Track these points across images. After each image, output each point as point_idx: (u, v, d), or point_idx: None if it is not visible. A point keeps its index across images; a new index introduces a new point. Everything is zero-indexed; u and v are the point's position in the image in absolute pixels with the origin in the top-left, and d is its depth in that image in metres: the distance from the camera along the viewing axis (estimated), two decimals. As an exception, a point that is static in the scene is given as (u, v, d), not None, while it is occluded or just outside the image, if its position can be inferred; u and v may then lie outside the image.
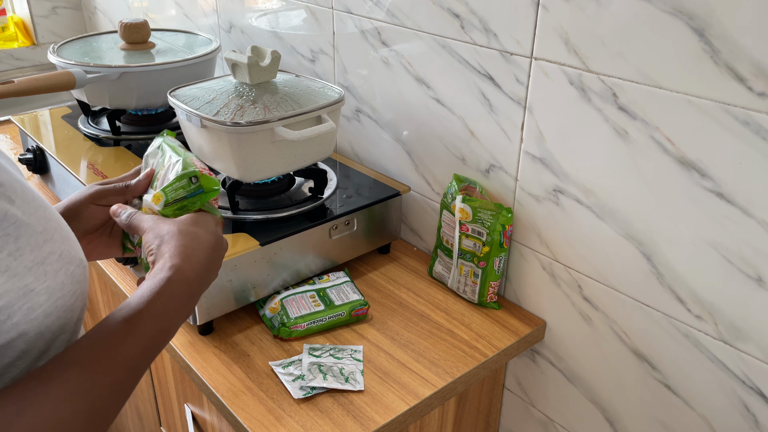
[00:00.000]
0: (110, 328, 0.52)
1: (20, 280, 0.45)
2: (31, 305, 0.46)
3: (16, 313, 0.45)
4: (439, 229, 1.11)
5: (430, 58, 1.08)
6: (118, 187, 0.71)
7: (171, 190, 0.66)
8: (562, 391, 1.07)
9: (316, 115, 1.05)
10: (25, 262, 0.46)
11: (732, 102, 0.74)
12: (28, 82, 1.23)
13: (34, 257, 0.47)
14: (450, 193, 1.07)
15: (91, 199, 0.69)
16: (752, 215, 0.76)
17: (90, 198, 0.69)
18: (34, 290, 0.46)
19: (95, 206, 0.69)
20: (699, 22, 0.74)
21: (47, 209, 0.51)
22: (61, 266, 0.49)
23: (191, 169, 0.67)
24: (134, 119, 1.44)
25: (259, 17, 1.47)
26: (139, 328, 0.53)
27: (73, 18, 2.23)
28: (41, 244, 0.48)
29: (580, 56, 0.87)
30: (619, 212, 0.90)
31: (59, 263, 0.49)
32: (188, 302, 0.58)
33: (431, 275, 1.16)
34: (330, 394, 0.89)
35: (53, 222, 0.51)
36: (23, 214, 0.47)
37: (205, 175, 0.67)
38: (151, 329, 0.54)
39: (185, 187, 0.66)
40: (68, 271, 0.50)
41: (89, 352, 0.50)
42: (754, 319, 0.80)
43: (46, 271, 0.47)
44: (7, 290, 0.44)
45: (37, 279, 0.46)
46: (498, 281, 1.06)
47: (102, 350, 0.50)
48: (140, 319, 0.53)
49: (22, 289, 0.45)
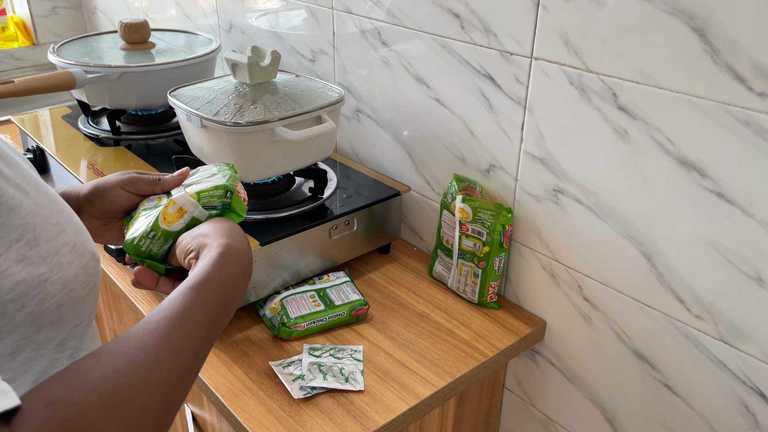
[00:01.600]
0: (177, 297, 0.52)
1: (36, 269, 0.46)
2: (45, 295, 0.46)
3: (30, 302, 0.45)
4: (439, 229, 1.11)
5: (430, 58, 1.08)
6: (150, 178, 0.71)
7: (206, 195, 0.67)
8: (562, 391, 1.07)
9: (316, 115, 1.05)
10: (41, 252, 0.47)
11: (732, 102, 0.74)
12: (28, 82, 1.23)
13: (49, 248, 0.47)
14: (450, 193, 1.07)
15: (122, 184, 0.70)
16: (752, 215, 0.76)
17: (120, 182, 0.70)
18: (48, 280, 0.47)
19: (122, 191, 0.70)
20: (699, 22, 0.74)
21: (59, 203, 0.52)
22: (74, 258, 0.50)
23: (231, 183, 0.68)
24: (134, 119, 1.44)
25: (259, 17, 1.47)
26: (205, 294, 0.54)
27: (73, 18, 2.23)
28: (55, 236, 0.48)
29: (580, 56, 0.87)
30: (619, 212, 0.90)
31: (72, 255, 0.50)
32: (243, 277, 0.59)
33: (431, 275, 1.16)
34: (330, 394, 0.89)
35: (66, 215, 0.52)
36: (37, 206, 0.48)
37: (239, 198, 0.68)
38: (214, 295, 0.54)
39: (219, 198, 0.67)
40: (81, 263, 0.51)
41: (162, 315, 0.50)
42: (754, 319, 0.80)
43: (60, 261, 0.48)
44: (23, 278, 0.45)
45: (51, 269, 0.47)
46: (498, 281, 1.06)
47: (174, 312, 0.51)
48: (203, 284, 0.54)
49: (37, 278, 0.46)
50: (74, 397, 0.40)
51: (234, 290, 0.58)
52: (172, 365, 0.47)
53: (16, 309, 0.45)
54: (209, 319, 0.53)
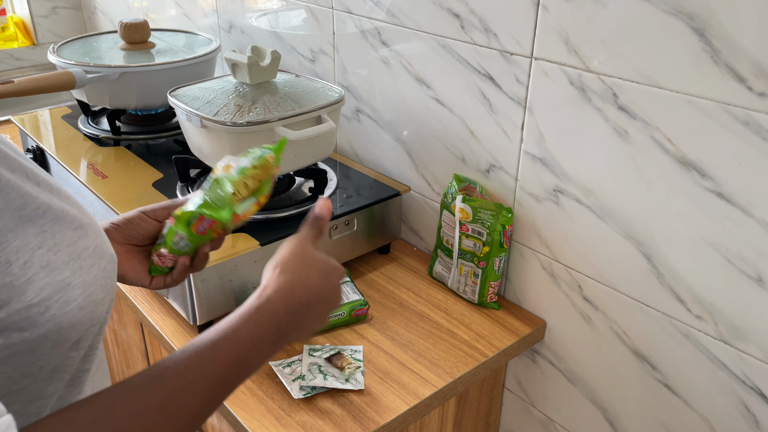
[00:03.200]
0: (196, 348, 0.53)
1: (59, 274, 0.47)
2: (67, 299, 0.47)
3: (53, 306, 0.46)
4: (439, 229, 1.11)
5: (430, 58, 1.08)
6: (166, 204, 0.74)
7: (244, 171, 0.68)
8: (562, 391, 1.07)
9: (316, 115, 1.05)
10: (63, 257, 0.47)
11: (732, 102, 0.74)
12: (28, 82, 1.23)
13: (71, 252, 0.48)
14: (450, 193, 1.07)
15: (143, 210, 0.73)
16: (752, 215, 0.76)
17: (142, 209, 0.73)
18: (71, 284, 0.48)
19: (144, 215, 0.72)
20: (699, 22, 0.74)
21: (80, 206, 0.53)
22: (94, 261, 0.51)
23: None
24: (134, 119, 1.44)
25: (259, 17, 1.47)
26: (222, 353, 0.53)
27: (73, 18, 2.23)
28: (76, 240, 0.49)
29: (580, 56, 0.87)
30: (619, 212, 0.90)
31: (93, 258, 0.50)
32: (276, 335, 0.58)
33: (431, 275, 1.16)
34: (330, 394, 0.89)
35: (87, 218, 0.53)
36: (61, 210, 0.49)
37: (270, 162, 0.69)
38: (233, 355, 0.54)
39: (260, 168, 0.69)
40: (100, 266, 0.51)
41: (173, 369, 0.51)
42: (754, 319, 0.80)
43: (81, 266, 0.49)
44: (47, 284, 0.46)
45: (73, 273, 0.48)
46: (498, 281, 1.06)
47: (184, 369, 0.51)
48: (224, 343, 0.54)
49: (60, 283, 0.47)
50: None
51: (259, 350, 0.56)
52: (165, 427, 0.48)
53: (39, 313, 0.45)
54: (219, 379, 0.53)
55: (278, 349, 0.59)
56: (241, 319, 0.56)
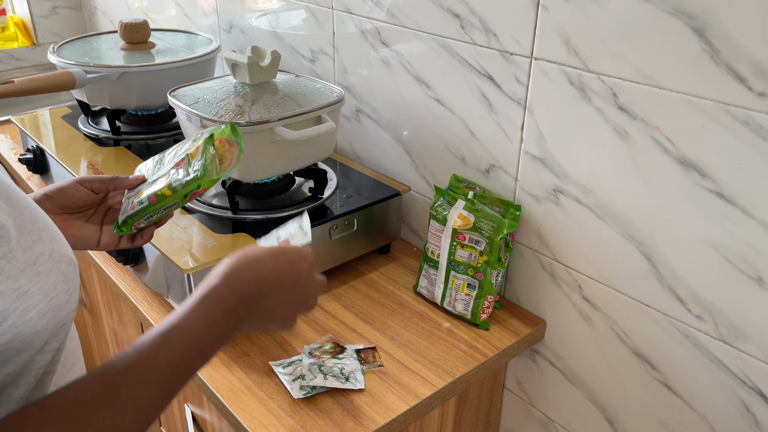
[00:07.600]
0: (145, 341, 0.53)
1: (14, 282, 0.45)
2: (26, 306, 0.46)
3: (11, 315, 0.45)
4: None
5: (430, 58, 1.08)
6: (105, 177, 0.77)
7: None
8: (562, 391, 1.07)
9: (316, 115, 1.06)
10: (18, 264, 0.46)
11: (732, 102, 0.74)
12: (28, 82, 1.23)
13: (26, 259, 0.47)
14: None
15: (79, 180, 0.76)
16: (752, 215, 0.76)
17: (78, 179, 0.76)
18: (28, 291, 0.46)
19: (79, 185, 0.75)
20: (699, 22, 0.74)
21: (32, 209, 0.51)
22: (52, 266, 0.49)
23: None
24: (134, 119, 1.44)
25: (259, 17, 1.47)
26: (171, 342, 0.54)
27: (73, 18, 2.23)
28: (31, 245, 0.47)
29: (580, 56, 0.87)
30: (619, 212, 0.90)
31: (50, 263, 0.49)
32: (225, 322, 0.58)
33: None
34: (330, 394, 0.89)
35: (40, 222, 0.51)
36: (11, 216, 0.47)
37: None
38: (181, 343, 0.54)
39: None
40: (59, 269, 0.50)
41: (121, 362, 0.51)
42: (754, 319, 0.80)
43: (38, 271, 0.47)
44: (1, 292, 0.44)
45: (30, 280, 0.46)
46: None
47: (133, 362, 0.51)
48: (175, 331, 0.54)
49: (16, 291, 0.45)
50: None
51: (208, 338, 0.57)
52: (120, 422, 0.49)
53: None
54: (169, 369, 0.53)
55: (231, 335, 0.59)
56: (189, 308, 0.57)
